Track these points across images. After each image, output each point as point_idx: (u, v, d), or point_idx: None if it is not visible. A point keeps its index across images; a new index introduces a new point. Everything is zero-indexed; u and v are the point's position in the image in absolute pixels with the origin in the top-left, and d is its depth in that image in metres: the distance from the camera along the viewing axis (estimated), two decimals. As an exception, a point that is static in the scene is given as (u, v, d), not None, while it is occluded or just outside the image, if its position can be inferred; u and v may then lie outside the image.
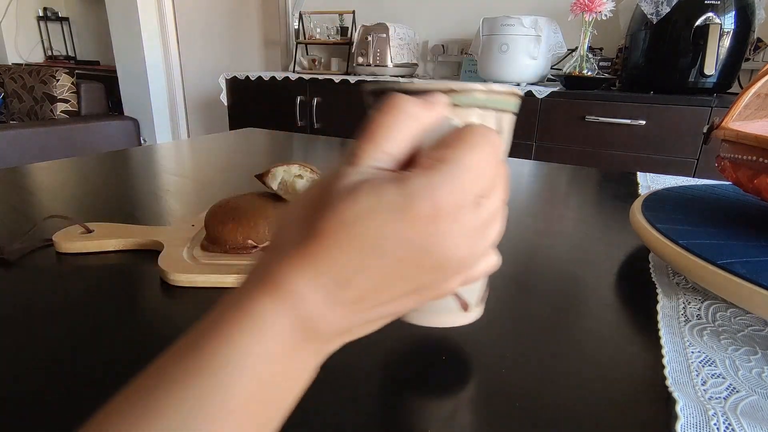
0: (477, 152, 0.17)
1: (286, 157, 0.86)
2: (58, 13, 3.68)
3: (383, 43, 1.88)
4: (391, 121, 0.17)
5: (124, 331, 0.28)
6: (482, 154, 0.17)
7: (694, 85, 1.35)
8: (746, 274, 0.27)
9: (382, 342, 0.28)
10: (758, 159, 0.32)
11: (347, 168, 0.17)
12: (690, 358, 0.26)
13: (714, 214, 0.40)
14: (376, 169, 0.17)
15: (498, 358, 0.27)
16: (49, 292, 0.32)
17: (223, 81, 2.18)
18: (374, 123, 0.17)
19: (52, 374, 0.24)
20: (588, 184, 0.69)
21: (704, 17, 1.27)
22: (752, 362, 0.26)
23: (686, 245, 0.32)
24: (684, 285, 0.35)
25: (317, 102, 1.96)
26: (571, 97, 1.48)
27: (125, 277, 0.36)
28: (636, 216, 0.40)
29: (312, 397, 0.23)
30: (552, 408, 0.23)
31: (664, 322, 0.30)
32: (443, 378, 0.25)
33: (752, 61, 1.51)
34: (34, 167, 0.69)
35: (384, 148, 0.17)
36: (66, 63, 3.60)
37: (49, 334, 0.28)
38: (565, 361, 0.27)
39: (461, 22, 2.04)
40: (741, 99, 0.37)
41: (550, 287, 0.35)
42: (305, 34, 2.33)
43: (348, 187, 0.16)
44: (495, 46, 1.57)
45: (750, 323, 0.30)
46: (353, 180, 0.16)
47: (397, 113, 0.18)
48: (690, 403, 0.23)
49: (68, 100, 2.19)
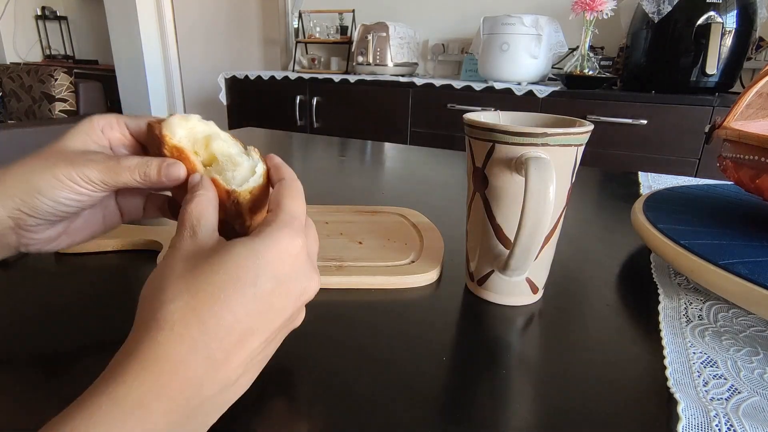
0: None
1: (286, 156, 0.86)
2: (57, 12, 3.67)
3: (383, 42, 1.88)
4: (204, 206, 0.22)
5: (123, 332, 0.28)
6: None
7: (695, 84, 1.35)
8: (748, 274, 0.27)
9: (382, 342, 0.28)
10: (760, 159, 0.32)
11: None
12: (692, 359, 0.26)
13: (716, 214, 0.39)
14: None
15: (498, 358, 0.27)
16: (47, 293, 0.32)
17: (222, 80, 2.17)
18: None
19: (52, 375, 0.24)
20: (589, 183, 0.69)
21: (706, 16, 1.27)
22: (754, 363, 0.26)
23: (688, 245, 0.31)
24: (685, 285, 0.35)
25: (317, 101, 1.96)
26: (572, 97, 1.48)
27: (124, 277, 0.35)
28: (637, 216, 0.39)
29: (305, 396, 0.23)
30: (552, 409, 0.23)
31: (666, 322, 0.30)
32: (443, 378, 0.25)
33: (754, 60, 1.51)
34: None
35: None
36: (64, 62, 3.60)
37: (48, 335, 0.28)
38: (565, 362, 0.27)
39: (462, 20, 2.04)
40: (743, 98, 0.37)
41: (551, 287, 0.35)
42: (305, 33, 2.33)
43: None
44: (496, 45, 1.57)
45: (752, 324, 0.30)
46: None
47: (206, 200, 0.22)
48: (691, 404, 0.22)
49: (66, 99, 2.18)
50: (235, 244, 0.19)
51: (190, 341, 0.17)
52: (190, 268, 0.19)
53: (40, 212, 0.23)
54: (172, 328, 0.17)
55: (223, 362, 0.18)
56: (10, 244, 0.24)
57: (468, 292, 0.34)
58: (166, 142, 0.24)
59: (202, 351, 0.17)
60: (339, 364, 0.26)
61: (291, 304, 0.20)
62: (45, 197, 0.23)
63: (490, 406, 0.23)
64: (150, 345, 0.17)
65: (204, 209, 0.21)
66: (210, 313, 0.17)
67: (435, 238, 0.41)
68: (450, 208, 0.53)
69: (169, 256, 0.20)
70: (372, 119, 1.86)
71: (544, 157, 0.26)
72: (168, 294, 0.18)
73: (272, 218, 0.21)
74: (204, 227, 0.21)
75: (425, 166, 0.78)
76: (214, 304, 0.18)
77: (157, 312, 0.17)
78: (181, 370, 0.16)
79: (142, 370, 0.16)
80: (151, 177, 0.24)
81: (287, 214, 0.22)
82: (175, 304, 0.17)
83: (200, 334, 0.17)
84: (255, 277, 0.19)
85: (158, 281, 0.19)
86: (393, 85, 1.77)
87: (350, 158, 0.82)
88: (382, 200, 0.56)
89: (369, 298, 0.33)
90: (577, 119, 0.31)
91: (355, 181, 0.67)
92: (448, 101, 1.67)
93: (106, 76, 3.02)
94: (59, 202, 0.23)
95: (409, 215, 0.46)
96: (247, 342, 0.18)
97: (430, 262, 0.37)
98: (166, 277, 0.19)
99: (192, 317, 0.17)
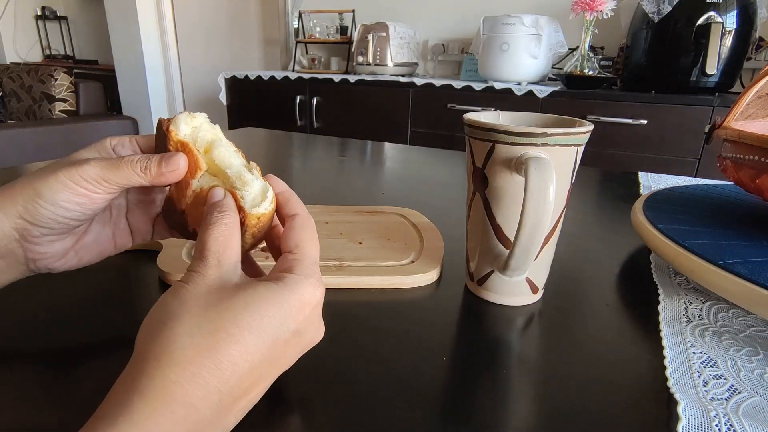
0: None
1: (286, 156, 0.86)
2: (57, 12, 3.68)
3: (383, 42, 1.88)
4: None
5: (123, 332, 0.28)
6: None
7: (695, 84, 1.35)
8: (748, 274, 0.27)
9: (382, 342, 0.28)
10: (760, 159, 0.32)
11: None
12: (691, 359, 0.26)
13: (716, 214, 0.39)
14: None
15: (498, 358, 0.27)
16: (47, 292, 0.32)
17: (222, 80, 2.17)
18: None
19: (51, 375, 0.24)
20: (589, 183, 0.69)
21: (706, 16, 1.27)
22: (754, 363, 0.26)
23: (688, 245, 0.31)
24: (685, 285, 0.35)
25: (317, 101, 1.96)
26: (572, 97, 1.48)
27: (124, 277, 0.35)
28: (637, 216, 0.39)
29: (305, 396, 0.23)
30: (552, 409, 0.23)
31: (666, 322, 0.30)
32: (443, 378, 0.25)
33: (754, 60, 1.51)
34: (32, 167, 0.69)
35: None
36: (64, 62, 3.60)
37: (47, 335, 0.28)
38: (565, 362, 0.26)
39: (462, 20, 2.04)
40: (743, 98, 0.37)
41: (551, 287, 0.35)
42: (305, 33, 2.33)
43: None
44: (496, 45, 1.57)
45: (752, 324, 0.30)
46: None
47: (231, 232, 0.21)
48: (691, 404, 0.22)
49: (67, 99, 2.18)
50: (260, 287, 0.19)
51: (202, 384, 0.16)
52: (213, 303, 0.18)
53: (42, 219, 0.22)
54: (186, 366, 0.16)
55: (229, 409, 0.17)
56: (19, 260, 0.24)
57: (468, 292, 0.34)
58: (171, 138, 0.23)
59: (212, 396, 0.16)
60: (339, 364, 0.25)
61: (299, 353, 0.20)
62: (45, 201, 0.22)
63: (490, 406, 0.23)
64: (162, 383, 0.16)
65: (230, 236, 0.20)
66: (227, 358, 0.17)
67: (435, 238, 0.41)
68: (450, 208, 0.53)
69: (191, 283, 0.19)
70: (372, 119, 1.86)
71: (544, 157, 0.26)
72: (185, 325, 0.17)
73: (295, 264, 0.21)
74: (229, 258, 0.20)
75: (425, 166, 0.78)
76: (232, 348, 0.17)
77: (171, 344, 0.16)
78: (191, 415, 0.16)
79: (152, 412, 0.15)
80: (151, 170, 0.23)
81: (311, 261, 0.21)
82: (192, 339, 0.17)
83: (212, 378, 0.16)
84: (277, 327, 0.18)
85: (175, 307, 0.18)
86: (393, 85, 1.77)
87: (350, 158, 0.82)
88: (382, 200, 0.56)
89: (369, 298, 0.33)
90: (577, 119, 0.31)
91: (355, 181, 0.67)
92: (448, 101, 1.67)
93: (106, 76, 3.03)
94: (59, 205, 0.22)
95: (409, 215, 0.46)
96: (253, 389, 0.18)
97: (430, 262, 0.37)
98: (184, 305, 0.18)
99: (207, 358, 0.16)
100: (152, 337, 0.17)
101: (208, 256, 0.20)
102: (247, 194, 0.23)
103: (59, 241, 0.25)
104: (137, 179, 0.23)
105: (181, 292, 0.18)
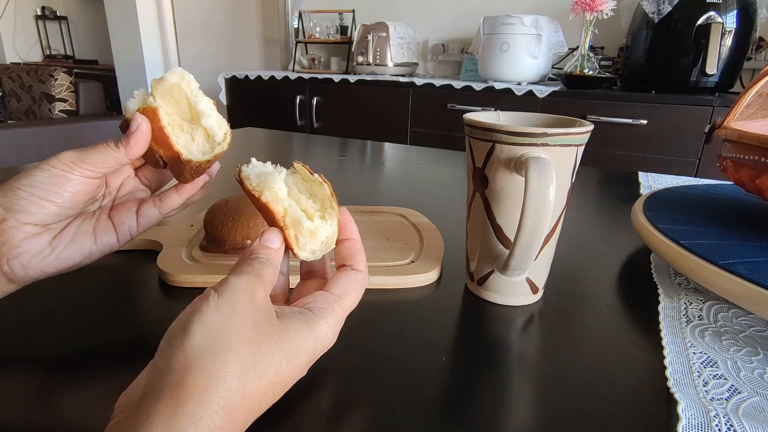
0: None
1: (286, 156, 0.86)
2: (57, 12, 3.67)
3: (383, 42, 1.88)
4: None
5: (123, 332, 0.28)
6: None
7: (695, 84, 1.35)
8: (748, 274, 0.27)
9: (382, 342, 0.28)
10: (760, 159, 0.32)
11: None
12: (692, 359, 0.26)
13: (716, 214, 0.39)
14: None
15: (498, 358, 0.27)
16: (47, 293, 0.32)
17: (222, 80, 2.17)
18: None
19: (51, 375, 0.24)
20: (589, 183, 0.69)
21: (706, 16, 1.27)
22: (754, 363, 0.26)
23: (688, 245, 0.31)
24: (686, 285, 0.35)
25: (317, 101, 1.96)
26: (572, 97, 1.48)
27: (124, 277, 0.35)
28: (637, 216, 0.39)
29: (304, 395, 0.23)
30: (552, 409, 0.23)
31: (666, 322, 0.30)
32: (443, 378, 0.25)
33: (754, 60, 1.51)
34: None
35: None
36: (64, 62, 3.60)
37: (47, 335, 0.28)
38: (565, 362, 0.26)
39: (461, 20, 2.04)
40: (743, 98, 0.37)
41: (551, 287, 0.35)
42: (305, 33, 2.33)
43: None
44: (496, 45, 1.57)
45: (752, 324, 0.30)
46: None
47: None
48: (691, 404, 0.22)
49: (66, 99, 2.18)
50: (299, 323, 0.20)
51: (236, 423, 0.17)
52: (261, 333, 0.19)
53: (18, 202, 0.24)
54: (229, 412, 0.16)
55: (241, 428, 0.18)
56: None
57: (468, 292, 0.34)
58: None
59: (238, 418, 0.17)
60: (338, 364, 0.25)
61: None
62: (21, 183, 0.24)
63: (490, 406, 0.23)
64: (201, 414, 0.16)
65: (277, 271, 0.22)
66: (256, 393, 0.18)
67: (435, 238, 0.41)
68: (450, 208, 0.53)
69: (244, 303, 0.19)
70: (372, 119, 1.86)
71: (544, 157, 0.26)
72: (233, 364, 0.17)
73: (337, 303, 0.22)
74: (270, 288, 0.21)
75: (425, 166, 0.77)
76: (263, 384, 0.18)
77: (219, 370, 0.17)
78: None
79: None
80: (123, 144, 0.25)
81: (344, 312, 0.23)
82: (240, 382, 0.17)
83: (242, 405, 0.17)
84: (305, 363, 0.20)
85: (225, 326, 0.18)
86: (393, 85, 1.77)
87: (350, 158, 0.82)
88: (382, 200, 0.56)
89: (369, 298, 0.33)
90: (577, 119, 0.31)
91: (355, 181, 0.67)
92: (448, 101, 1.67)
93: (106, 76, 3.02)
94: (36, 186, 0.24)
95: (409, 215, 0.46)
96: (262, 410, 0.19)
97: (430, 262, 0.37)
98: (233, 326, 0.18)
99: (246, 404, 0.17)
100: (194, 343, 0.17)
101: (262, 276, 0.21)
102: (310, 244, 0.24)
103: (35, 238, 0.25)
104: (112, 153, 0.25)
105: (234, 308, 0.19)
